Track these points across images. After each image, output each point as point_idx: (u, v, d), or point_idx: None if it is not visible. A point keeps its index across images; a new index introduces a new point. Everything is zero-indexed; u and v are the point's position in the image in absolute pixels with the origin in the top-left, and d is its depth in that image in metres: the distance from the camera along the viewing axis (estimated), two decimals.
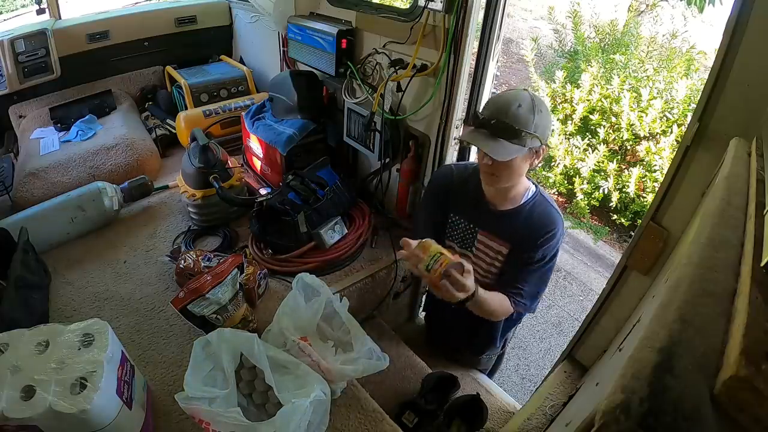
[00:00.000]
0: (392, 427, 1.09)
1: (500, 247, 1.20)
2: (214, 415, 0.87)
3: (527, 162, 1.08)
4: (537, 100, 1.03)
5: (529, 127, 1.01)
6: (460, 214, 1.26)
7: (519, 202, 1.16)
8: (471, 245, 1.25)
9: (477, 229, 1.23)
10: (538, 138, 1.03)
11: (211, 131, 2.11)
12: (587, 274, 2.99)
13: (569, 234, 3.22)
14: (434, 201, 1.30)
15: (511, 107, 1.01)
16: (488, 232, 1.21)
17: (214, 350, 0.99)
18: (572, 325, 2.55)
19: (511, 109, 1.01)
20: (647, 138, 2.94)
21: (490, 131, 1.03)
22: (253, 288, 1.34)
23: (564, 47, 4.18)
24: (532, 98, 1.03)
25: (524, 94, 1.04)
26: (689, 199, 0.90)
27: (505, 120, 1.01)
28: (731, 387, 0.29)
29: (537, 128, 1.02)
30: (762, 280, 0.36)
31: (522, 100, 1.02)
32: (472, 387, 1.52)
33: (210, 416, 0.87)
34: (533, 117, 1.01)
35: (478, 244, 1.23)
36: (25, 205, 1.65)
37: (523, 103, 1.01)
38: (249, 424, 0.86)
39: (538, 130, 1.02)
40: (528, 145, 1.02)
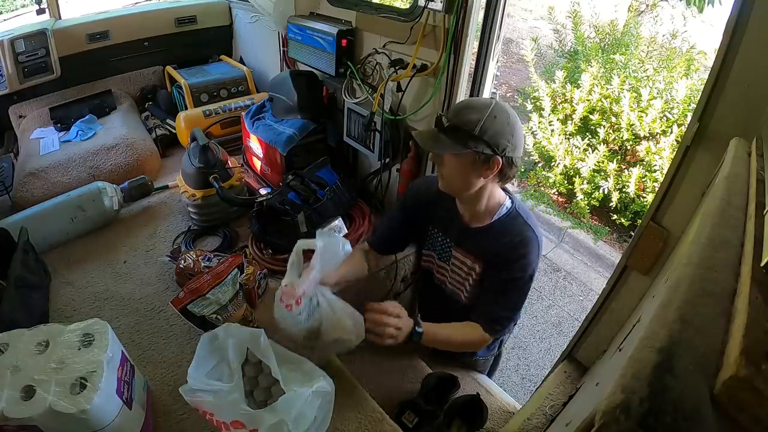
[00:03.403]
0: (392, 427, 1.09)
1: (473, 264, 1.15)
2: (217, 405, 0.88)
3: (475, 170, 1.01)
4: (498, 108, 0.98)
5: (472, 128, 0.96)
6: (437, 227, 1.23)
7: (490, 219, 1.11)
8: (448, 259, 1.22)
9: (452, 244, 1.20)
10: (485, 143, 0.97)
11: (211, 131, 2.11)
12: (587, 274, 2.98)
13: (569, 234, 3.22)
14: (404, 213, 1.27)
15: (464, 109, 1.00)
16: (462, 249, 1.17)
17: (220, 344, 0.98)
18: (572, 325, 2.55)
19: (463, 110, 0.99)
20: (647, 138, 2.94)
21: (438, 128, 1.02)
22: (253, 288, 1.34)
23: (564, 47, 4.18)
24: (491, 105, 0.98)
25: (485, 101, 1.00)
26: (689, 199, 0.90)
27: (452, 119, 0.99)
28: (731, 387, 0.29)
29: (485, 132, 0.96)
30: (762, 280, 0.36)
31: (480, 105, 0.99)
32: (472, 387, 1.52)
33: (213, 406, 0.88)
34: (482, 120, 0.96)
35: (454, 258, 1.20)
36: (25, 205, 1.65)
37: (479, 107, 0.98)
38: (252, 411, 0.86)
39: (486, 134, 0.96)
40: (470, 147, 0.97)
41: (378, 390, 1.30)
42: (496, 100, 1.01)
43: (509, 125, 0.99)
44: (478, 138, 0.97)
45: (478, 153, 0.98)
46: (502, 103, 1.01)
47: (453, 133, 0.99)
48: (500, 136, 0.98)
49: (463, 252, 1.17)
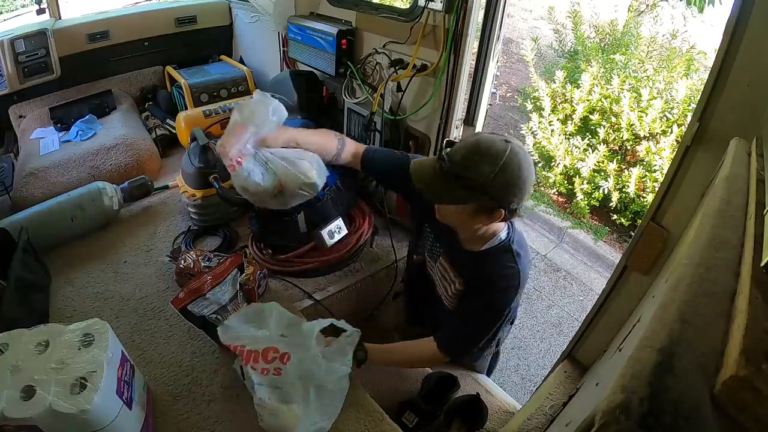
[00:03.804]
0: (392, 427, 1.09)
1: (456, 278, 1.12)
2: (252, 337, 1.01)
3: (474, 218, 0.97)
4: (511, 159, 0.89)
5: (473, 181, 0.89)
6: (432, 228, 1.20)
7: (481, 247, 1.07)
8: (436, 260, 1.20)
9: (441, 251, 1.17)
10: (489, 197, 0.91)
11: (211, 131, 2.11)
12: (587, 274, 2.98)
13: (569, 234, 3.22)
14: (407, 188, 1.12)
15: (473, 156, 0.90)
16: (449, 259, 1.15)
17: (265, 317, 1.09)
18: (572, 325, 2.55)
19: (472, 158, 0.90)
20: (647, 138, 2.94)
21: (439, 168, 0.94)
22: (253, 288, 1.34)
23: (564, 47, 4.17)
24: (504, 157, 0.88)
25: (499, 149, 0.89)
26: (689, 199, 0.91)
27: (455, 160, 0.91)
28: (731, 387, 0.29)
29: (492, 187, 0.89)
30: (762, 280, 0.36)
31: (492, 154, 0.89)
32: (472, 387, 1.52)
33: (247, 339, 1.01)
34: (492, 175, 0.88)
35: (440, 263, 1.18)
36: (25, 205, 1.65)
37: (491, 157, 0.89)
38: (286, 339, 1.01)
39: (492, 190, 0.90)
40: (470, 201, 0.92)
41: (378, 390, 1.31)
42: (511, 146, 0.90)
43: (520, 179, 0.91)
44: (483, 193, 0.91)
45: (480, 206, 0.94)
46: (516, 150, 0.90)
47: (455, 181, 0.91)
48: (507, 192, 0.92)
49: (448, 263, 1.16)
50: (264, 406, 0.97)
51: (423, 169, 0.99)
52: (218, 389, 1.12)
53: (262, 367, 0.98)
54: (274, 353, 0.98)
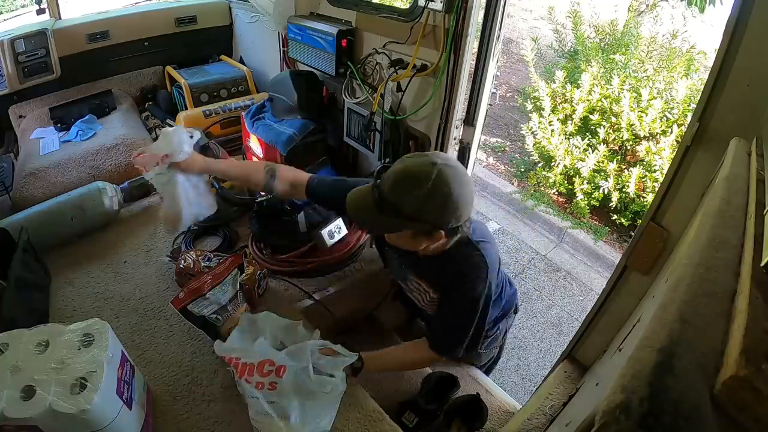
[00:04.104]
0: (392, 427, 1.09)
1: (427, 288, 1.14)
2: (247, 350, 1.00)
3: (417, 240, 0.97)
4: (439, 182, 0.87)
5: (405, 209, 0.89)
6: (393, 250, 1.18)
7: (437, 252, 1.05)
8: (405, 278, 1.20)
9: (407, 268, 1.18)
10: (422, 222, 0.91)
11: (211, 131, 2.12)
12: (587, 274, 2.98)
13: (569, 234, 3.22)
14: None
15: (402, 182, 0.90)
16: (415, 272, 1.15)
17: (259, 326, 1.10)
18: (572, 325, 2.54)
19: (400, 184, 0.90)
20: (647, 138, 2.94)
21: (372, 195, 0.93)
22: (253, 288, 1.34)
23: (564, 47, 4.17)
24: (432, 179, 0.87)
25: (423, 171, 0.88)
26: (689, 199, 0.91)
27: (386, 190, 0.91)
28: (731, 387, 0.29)
29: (422, 214, 0.89)
30: (762, 280, 0.36)
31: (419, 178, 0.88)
32: (472, 387, 1.52)
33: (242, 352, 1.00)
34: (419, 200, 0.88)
35: (410, 280, 1.18)
36: (25, 205, 1.65)
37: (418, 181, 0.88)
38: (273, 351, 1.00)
39: (423, 215, 0.90)
40: (405, 229, 0.93)
41: (378, 390, 1.31)
42: (437, 168, 0.88)
43: (451, 198, 0.89)
44: (414, 220, 0.90)
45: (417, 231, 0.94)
46: (444, 170, 0.88)
47: (387, 210, 0.91)
48: (442, 213, 0.91)
49: (417, 277, 1.16)
50: (260, 421, 0.96)
51: (357, 201, 0.98)
52: (218, 389, 1.12)
53: (257, 381, 0.96)
54: (269, 366, 0.97)
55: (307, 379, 0.96)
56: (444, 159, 0.91)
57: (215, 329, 1.17)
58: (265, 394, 0.95)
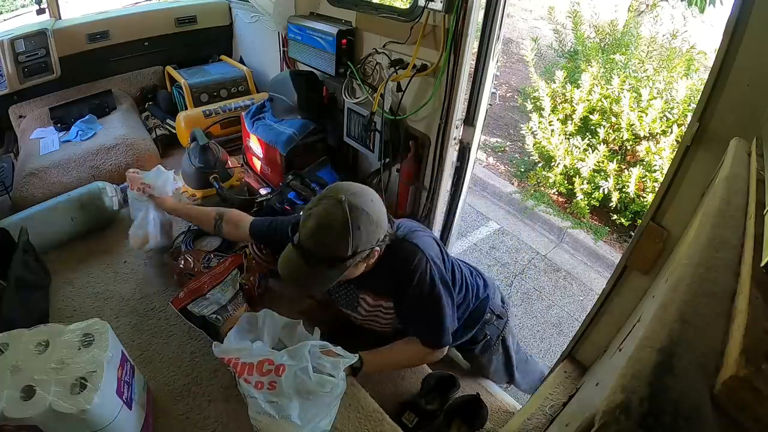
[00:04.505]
0: (392, 427, 1.09)
1: (378, 301, 1.15)
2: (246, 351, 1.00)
3: (358, 267, 1.00)
4: (353, 214, 0.91)
5: (344, 253, 0.93)
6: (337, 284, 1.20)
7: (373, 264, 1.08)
8: (356, 306, 1.21)
9: (357, 291, 1.19)
10: (361, 252, 0.95)
11: (211, 131, 2.12)
12: (587, 274, 2.98)
13: (569, 234, 3.22)
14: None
15: (319, 234, 0.93)
16: (365, 290, 1.17)
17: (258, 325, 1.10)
18: (572, 325, 2.54)
19: (320, 237, 0.93)
20: (647, 138, 2.94)
21: (305, 262, 0.96)
22: (253, 288, 1.34)
23: (564, 47, 4.17)
24: (346, 215, 0.91)
25: (335, 214, 0.92)
26: (689, 199, 0.91)
27: (317, 250, 0.94)
28: (731, 387, 0.29)
29: (356, 248, 0.94)
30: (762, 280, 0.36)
31: (332, 222, 0.92)
32: (472, 387, 1.52)
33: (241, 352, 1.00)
34: (348, 240, 0.92)
35: (362, 302, 1.19)
36: (25, 205, 1.65)
37: (335, 226, 0.91)
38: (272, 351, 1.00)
39: (359, 247, 0.94)
40: (350, 265, 0.96)
41: (378, 390, 1.30)
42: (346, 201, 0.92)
43: (372, 219, 0.95)
44: (354, 255, 0.94)
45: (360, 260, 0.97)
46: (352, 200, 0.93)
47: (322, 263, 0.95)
48: (372, 237, 0.96)
49: (367, 292, 1.17)
50: (260, 420, 0.96)
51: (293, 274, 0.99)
52: (218, 389, 1.12)
53: (256, 380, 0.96)
54: (269, 365, 0.97)
55: (307, 379, 0.96)
56: (345, 190, 0.96)
57: (215, 329, 1.18)
58: (264, 393, 0.95)
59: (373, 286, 1.14)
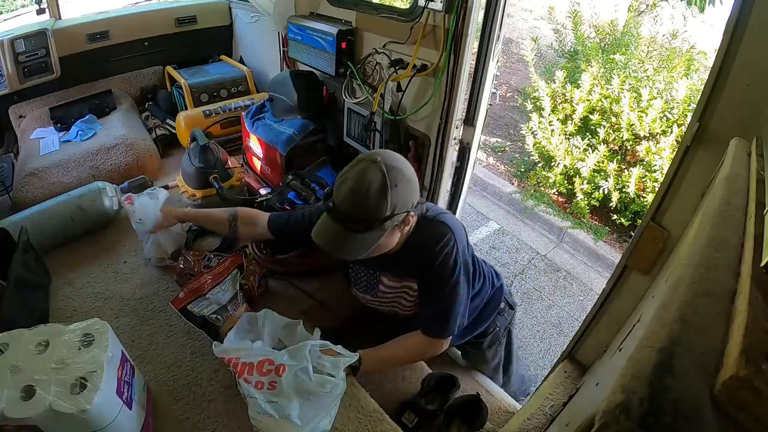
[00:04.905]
0: (392, 426, 1.09)
1: (403, 283, 1.14)
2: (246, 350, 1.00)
3: (394, 234, 0.99)
4: (391, 174, 0.91)
5: (382, 213, 0.91)
6: (358, 263, 1.20)
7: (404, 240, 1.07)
8: (375, 288, 1.20)
9: (377, 274, 1.18)
10: (398, 214, 0.94)
11: (211, 131, 2.12)
12: (587, 274, 2.98)
13: (569, 234, 3.22)
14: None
15: (358, 195, 0.90)
16: (388, 274, 1.16)
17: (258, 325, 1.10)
18: (572, 325, 2.54)
19: (358, 198, 0.90)
20: (647, 138, 2.94)
21: (342, 226, 0.94)
22: (253, 288, 1.34)
23: (564, 47, 4.17)
24: (384, 173, 0.90)
25: (373, 172, 0.90)
26: (689, 199, 0.91)
27: (354, 213, 0.91)
28: (731, 387, 0.29)
29: (395, 207, 0.92)
30: (762, 280, 0.36)
31: (371, 181, 0.90)
32: (472, 387, 1.52)
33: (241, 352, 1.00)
34: (387, 199, 0.90)
35: (381, 286, 1.18)
36: (25, 205, 1.65)
37: (373, 185, 0.89)
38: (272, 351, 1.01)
39: (396, 208, 0.92)
40: (388, 227, 0.94)
41: (378, 390, 1.30)
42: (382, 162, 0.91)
43: (409, 182, 0.95)
44: (391, 216, 0.93)
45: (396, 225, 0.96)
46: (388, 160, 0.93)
47: (359, 225, 0.93)
48: (408, 198, 0.95)
49: (389, 276, 1.16)
50: (260, 420, 0.96)
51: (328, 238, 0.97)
52: (218, 389, 1.12)
53: (256, 380, 0.96)
54: (269, 365, 0.97)
55: (307, 379, 0.96)
56: (379, 153, 0.96)
57: (215, 329, 1.18)
58: (264, 393, 0.95)
59: (397, 268, 1.13)
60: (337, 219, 0.94)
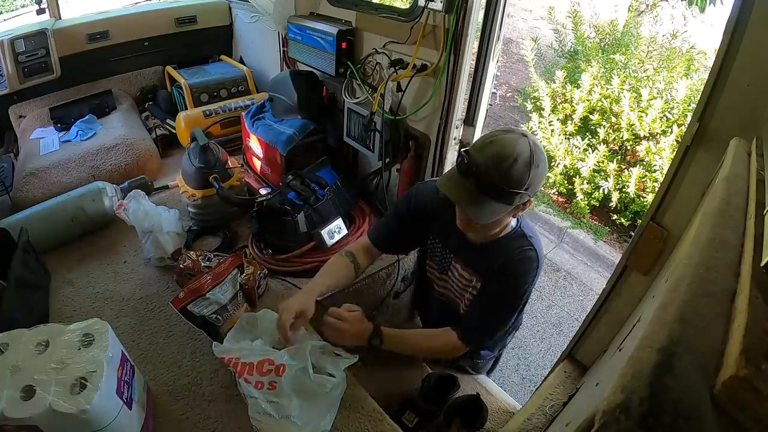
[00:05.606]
0: (392, 427, 1.09)
1: (471, 278, 1.14)
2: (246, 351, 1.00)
3: (510, 215, 0.99)
4: (536, 153, 0.91)
5: (520, 187, 0.91)
6: (438, 238, 1.20)
7: (492, 238, 1.08)
8: (447, 269, 1.21)
9: (451, 256, 1.18)
10: (527, 194, 0.94)
11: (211, 131, 2.11)
12: (587, 274, 2.98)
13: (569, 234, 3.22)
14: (410, 217, 1.20)
15: (505, 161, 0.89)
16: (462, 262, 1.15)
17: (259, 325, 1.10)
18: (572, 325, 2.55)
19: (504, 164, 0.89)
20: (647, 138, 2.94)
21: (475, 185, 0.92)
22: (253, 288, 1.34)
23: (564, 47, 4.17)
24: (531, 150, 0.91)
25: (523, 144, 0.91)
26: (689, 199, 0.91)
27: (495, 176, 0.90)
28: (731, 387, 0.29)
29: (530, 186, 0.92)
30: (762, 280, 0.36)
31: (520, 153, 0.90)
32: (472, 387, 1.52)
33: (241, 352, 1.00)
34: (528, 174, 0.90)
35: (453, 269, 1.19)
36: (25, 205, 1.65)
37: (520, 158, 0.89)
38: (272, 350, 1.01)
39: (530, 187, 0.92)
40: (515, 203, 0.94)
41: (378, 390, 1.30)
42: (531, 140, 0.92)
43: (545, 168, 0.95)
44: (524, 193, 0.92)
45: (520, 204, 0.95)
46: (536, 142, 0.93)
47: (494, 190, 0.91)
48: (539, 182, 0.95)
49: (462, 265, 1.15)
50: (260, 420, 0.96)
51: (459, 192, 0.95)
52: (218, 389, 1.12)
53: (256, 380, 0.96)
54: (269, 365, 0.97)
55: (307, 379, 0.96)
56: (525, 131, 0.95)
57: (215, 329, 1.17)
58: (264, 393, 0.95)
59: (476, 263, 1.12)
60: (471, 177, 0.92)
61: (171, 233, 1.48)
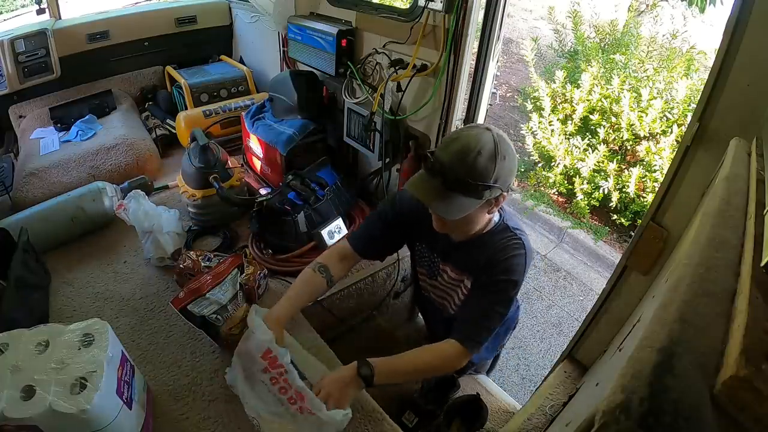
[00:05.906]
0: (392, 427, 1.09)
1: (461, 277, 1.13)
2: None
3: (484, 211, 0.98)
4: (501, 145, 0.91)
5: (487, 179, 0.90)
6: (425, 243, 1.19)
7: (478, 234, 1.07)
8: (436, 275, 1.20)
9: (439, 260, 1.17)
10: (498, 188, 0.93)
11: (211, 131, 2.11)
12: (587, 274, 2.98)
13: (569, 234, 3.22)
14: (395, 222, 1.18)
15: (469, 156, 0.89)
16: (450, 264, 1.14)
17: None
18: (572, 325, 2.55)
19: (468, 159, 0.89)
20: (647, 138, 2.94)
21: (442, 183, 0.91)
22: (253, 288, 1.34)
23: (564, 47, 4.17)
24: (495, 142, 0.90)
25: (486, 138, 0.90)
26: (689, 199, 0.91)
27: (460, 171, 0.89)
28: (731, 387, 0.29)
29: (498, 179, 0.91)
30: (762, 280, 0.36)
31: (483, 145, 0.89)
32: (472, 387, 1.52)
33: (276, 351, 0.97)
34: (494, 166, 0.90)
35: (442, 272, 1.18)
36: (25, 205, 1.65)
37: (484, 150, 0.89)
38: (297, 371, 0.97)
39: (498, 180, 0.91)
40: (485, 198, 0.93)
41: (378, 390, 1.30)
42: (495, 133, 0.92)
43: (513, 160, 0.94)
44: (492, 186, 0.91)
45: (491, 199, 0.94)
46: (501, 134, 0.93)
47: (461, 186, 0.91)
48: (509, 175, 0.94)
49: (450, 266, 1.15)
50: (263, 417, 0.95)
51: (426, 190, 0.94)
52: (218, 389, 1.12)
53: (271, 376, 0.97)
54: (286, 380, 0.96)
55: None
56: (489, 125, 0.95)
57: (215, 329, 1.17)
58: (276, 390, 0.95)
59: (462, 259, 1.11)
60: (438, 175, 0.92)
61: (171, 233, 1.48)
